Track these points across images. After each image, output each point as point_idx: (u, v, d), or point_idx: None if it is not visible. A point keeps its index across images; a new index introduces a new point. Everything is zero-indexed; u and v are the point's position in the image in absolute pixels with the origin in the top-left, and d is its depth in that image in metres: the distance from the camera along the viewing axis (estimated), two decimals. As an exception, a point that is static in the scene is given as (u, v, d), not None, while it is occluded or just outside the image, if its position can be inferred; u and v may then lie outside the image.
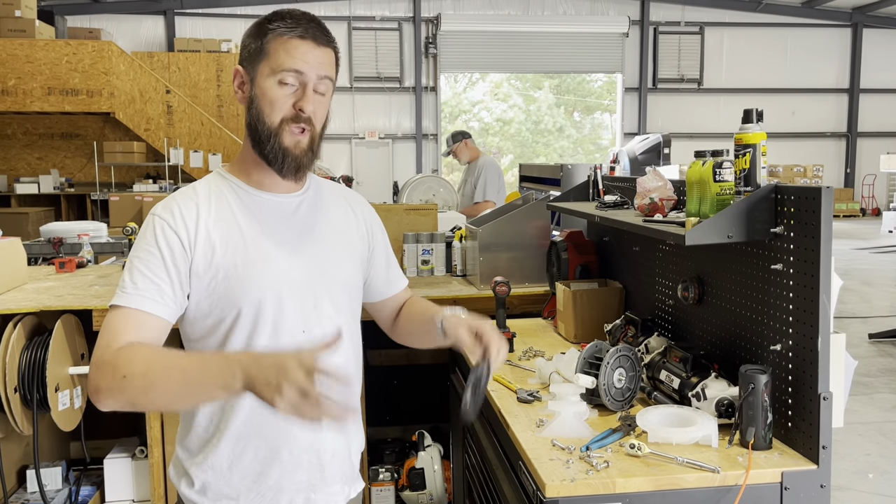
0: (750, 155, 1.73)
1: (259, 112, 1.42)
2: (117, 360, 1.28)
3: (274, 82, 1.40)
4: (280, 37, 1.41)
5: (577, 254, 2.88)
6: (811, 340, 1.62)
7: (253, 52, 1.43)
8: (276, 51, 1.40)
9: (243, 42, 1.47)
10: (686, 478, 1.55)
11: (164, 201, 1.46)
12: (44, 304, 2.96)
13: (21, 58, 10.72)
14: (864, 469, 4.08)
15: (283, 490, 1.47)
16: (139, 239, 1.42)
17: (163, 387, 1.25)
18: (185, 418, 1.51)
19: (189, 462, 1.48)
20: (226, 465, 1.45)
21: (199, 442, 1.47)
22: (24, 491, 3.29)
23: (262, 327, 1.42)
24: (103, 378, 1.27)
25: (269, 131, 1.42)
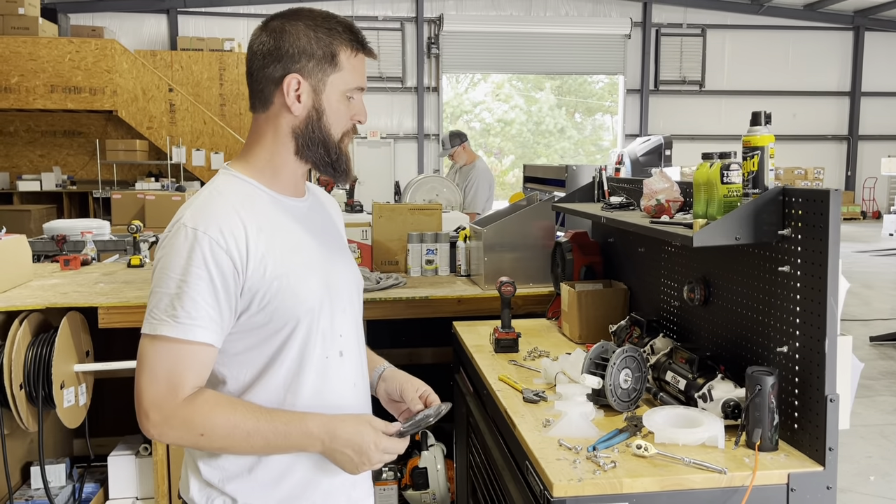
0: (758, 157, 1.74)
1: (326, 126, 1.41)
2: (192, 415, 1.28)
3: (343, 98, 1.41)
4: (351, 52, 1.41)
5: (582, 254, 2.89)
6: (818, 342, 1.62)
7: (320, 61, 1.38)
8: (349, 66, 1.40)
9: (302, 48, 1.37)
10: (693, 478, 1.56)
11: (198, 213, 1.33)
12: (49, 302, 2.96)
13: (24, 55, 10.72)
14: (866, 471, 4.08)
15: (331, 493, 1.46)
16: (180, 258, 1.29)
17: (242, 450, 1.33)
18: None
19: (225, 481, 1.40)
20: (276, 478, 1.40)
21: (240, 459, 1.39)
22: (29, 487, 3.30)
23: (316, 335, 1.41)
24: (173, 431, 1.29)
25: (333, 143, 1.42)
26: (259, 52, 1.39)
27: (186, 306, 1.27)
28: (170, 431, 1.29)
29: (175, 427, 1.28)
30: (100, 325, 2.96)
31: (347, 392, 1.47)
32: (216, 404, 1.30)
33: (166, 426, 1.28)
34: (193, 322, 1.28)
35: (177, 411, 1.28)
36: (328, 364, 1.43)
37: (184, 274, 1.28)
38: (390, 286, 3.22)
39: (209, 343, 1.30)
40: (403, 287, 3.25)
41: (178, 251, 1.29)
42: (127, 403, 4.05)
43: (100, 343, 3.26)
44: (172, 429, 1.28)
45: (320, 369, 1.42)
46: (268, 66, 1.39)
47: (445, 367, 3.06)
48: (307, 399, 1.40)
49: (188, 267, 1.28)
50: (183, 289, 1.27)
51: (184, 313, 1.27)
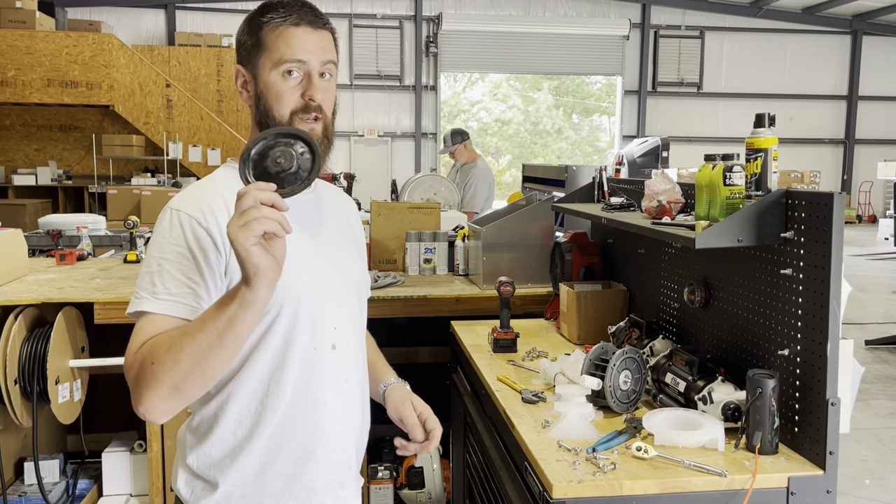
0: (762, 159, 1.73)
1: (268, 108, 1.39)
2: (143, 356, 1.22)
3: (278, 76, 1.38)
4: (275, 28, 1.38)
5: (581, 255, 2.88)
6: (820, 346, 1.62)
7: (250, 49, 1.41)
8: (275, 43, 1.38)
9: (238, 40, 1.44)
10: (693, 481, 1.55)
11: (184, 196, 1.36)
12: (45, 297, 2.94)
13: (21, 49, 10.68)
14: (861, 475, 4.09)
15: (316, 490, 1.43)
16: (162, 237, 1.30)
17: (191, 347, 1.18)
18: (202, 424, 1.40)
19: (210, 469, 1.39)
20: (257, 468, 1.38)
21: (224, 447, 1.38)
22: (22, 483, 3.28)
23: (302, 324, 1.38)
24: (138, 378, 1.21)
25: (280, 124, 1.39)
26: None
27: (167, 282, 1.27)
28: (137, 382, 1.21)
29: (138, 374, 1.21)
30: (96, 320, 2.94)
31: (338, 386, 1.44)
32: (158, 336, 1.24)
33: (133, 379, 1.22)
34: (173, 298, 1.27)
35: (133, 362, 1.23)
36: (318, 356, 1.41)
37: (163, 251, 1.29)
38: (388, 285, 3.21)
39: (178, 316, 1.27)
40: (401, 286, 3.24)
41: (161, 231, 1.32)
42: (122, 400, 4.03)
43: (95, 339, 3.24)
44: (137, 377, 1.21)
45: (307, 360, 1.39)
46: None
47: (443, 366, 3.05)
48: (291, 388, 1.38)
49: (168, 244, 1.29)
50: (163, 265, 1.28)
51: (163, 289, 1.27)
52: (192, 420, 1.43)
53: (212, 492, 1.39)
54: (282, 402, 1.38)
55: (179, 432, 1.49)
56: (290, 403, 1.38)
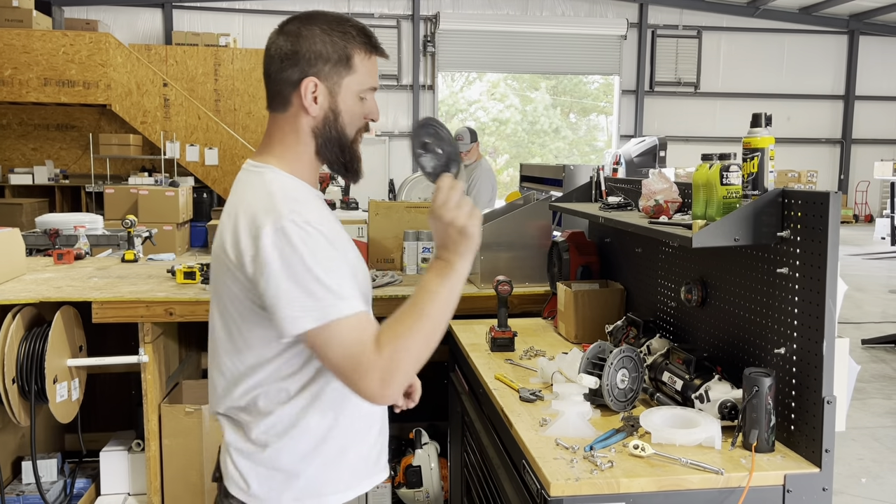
0: (758, 159, 1.74)
1: (342, 126, 1.47)
2: (391, 351, 1.31)
3: (357, 98, 1.47)
4: (364, 54, 1.47)
5: (579, 254, 2.89)
6: (816, 344, 1.63)
7: (335, 65, 1.44)
8: (363, 68, 1.46)
9: (318, 52, 1.42)
10: (690, 479, 1.56)
11: (292, 206, 1.35)
12: (43, 296, 2.95)
13: (18, 48, 10.66)
14: (858, 473, 4.10)
15: (376, 460, 1.57)
16: (308, 250, 1.30)
17: (431, 326, 1.34)
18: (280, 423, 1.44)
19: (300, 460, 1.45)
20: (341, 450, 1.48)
21: (313, 437, 1.45)
22: (20, 482, 3.28)
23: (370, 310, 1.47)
24: (391, 371, 1.30)
25: (348, 142, 1.48)
26: (277, 56, 1.44)
27: (336, 288, 1.31)
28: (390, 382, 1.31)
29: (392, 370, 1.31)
30: (93, 319, 2.95)
31: None
32: (389, 328, 1.34)
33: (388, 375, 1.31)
34: (348, 296, 1.32)
35: (380, 360, 1.31)
36: None
37: (319, 263, 1.31)
38: (386, 284, 3.21)
39: (362, 309, 1.34)
40: (399, 285, 3.24)
41: (302, 244, 1.31)
42: (119, 399, 4.03)
43: (93, 338, 3.24)
44: (392, 373, 1.31)
45: None
46: (286, 70, 1.43)
47: (441, 365, 3.05)
48: None
49: (321, 253, 1.32)
50: (330, 272, 1.32)
51: (348, 291, 1.33)
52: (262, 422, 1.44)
53: (298, 480, 1.45)
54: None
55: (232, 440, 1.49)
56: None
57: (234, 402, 1.46)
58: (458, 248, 1.36)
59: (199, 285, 3.15)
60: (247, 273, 1.34)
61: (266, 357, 1.41)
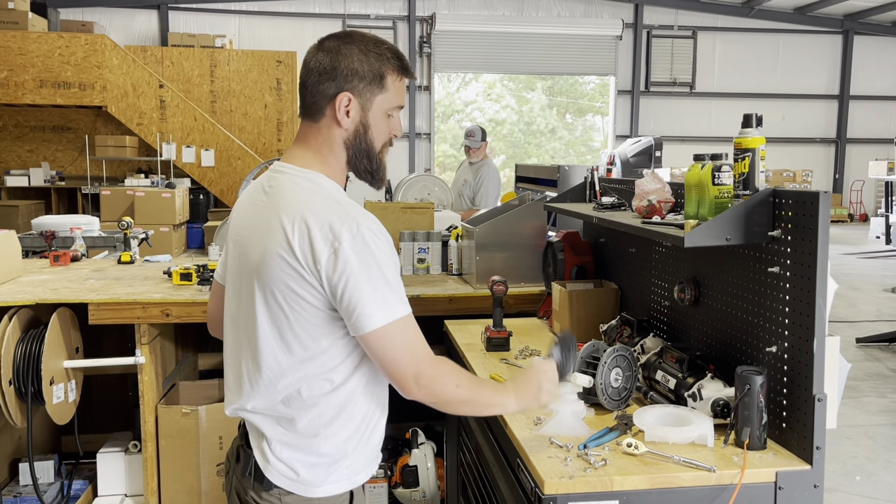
0: (749, 159, 1.75)
1: (371, 139, 1.59)
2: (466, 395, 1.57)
3: (385, 115, 1.60)
4: (396, 75, 1.59)
5: (574, 254, 2.91)
6: (807, 343, 1.64)
7: (370, 83, 1.56)
8: (394, 88, 1.59)
9: (355, 70, 1.55)
10: (682, 476, 1.58)
11: (361, 213, 1.50)
12: (39, 297, 2.95)
13: (13, 50, 10.64)
14: (852, 471, 4.12)
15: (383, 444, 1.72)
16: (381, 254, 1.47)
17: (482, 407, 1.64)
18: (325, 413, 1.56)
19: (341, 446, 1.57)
20: (373, 434, 1.64)
21: (355, 424, 1.58)
22: (17, 484, 3.29)
23: None
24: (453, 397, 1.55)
25: (374, 154, 1.61)
26: (315, 70, 1.56)
27: (399, 291, 1.50)
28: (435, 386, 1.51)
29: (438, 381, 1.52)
30: (90, 321, 2.95)
31: None
32: (452, 366, 1.58)
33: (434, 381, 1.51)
34: (406, 299, 1.51)
35: (435, 368, 1.52)
36: None
37: (390, 267, 1.49)
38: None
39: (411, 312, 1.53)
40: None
41: (377, 249, 1.47)
42: (116, 400, 4.03)
43: (90, 339, 3.25)
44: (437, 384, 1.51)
45: None
46: (323, 83, 1.55)
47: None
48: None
49: (388, 259, 1.49)
50: (396, 277, 1.50)
51: (402, 295, 1.50)
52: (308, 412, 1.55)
53: (340, 464, 1.57)
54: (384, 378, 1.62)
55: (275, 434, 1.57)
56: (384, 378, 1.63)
57: (273, 396, 1.55)
58: (524, 399, 1.63)
59: (195, 286, 3.15)
60: (319, 274, 1.45)
61: (316, 352, 1.52)
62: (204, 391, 3.43)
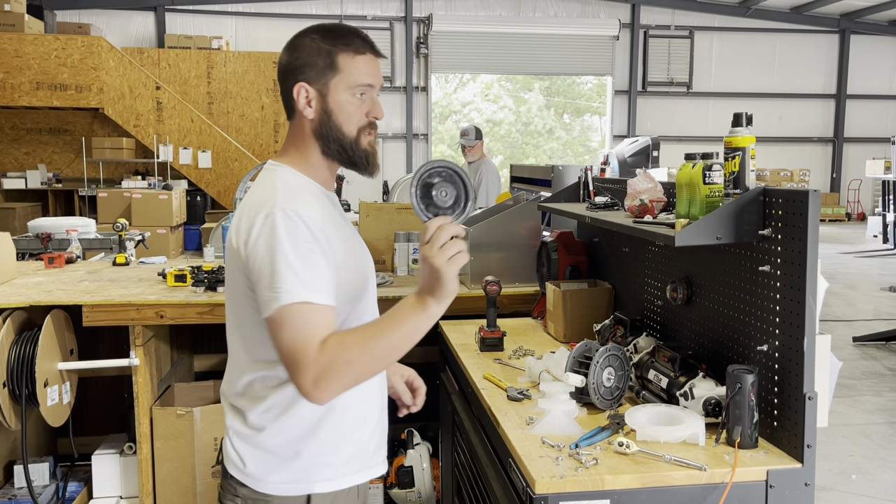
0: (739, 158, 1.76)
1: (338, 125, 1.56)
2: (333, 355, 1.36)
3: (349, 96, 1.55)
4: (349, 55, 1.55)
5: (568, 254, 2.91)
6: (797, 341, 1.65)
7: (322, 70, 1.55)
8: (349, 68, 1.55)
9: (305, 60, 1.55)
10: (673, 475, 1.58)
11: (289, 200, 1.46)
12: (33, 300, 2.95)
13: (9, 52, 10.63)
14: (848, 470, 4.13)
15: (377, 452, 1.67)
16: (287, 236, 1.40)
17: (382, 351, 1.40)
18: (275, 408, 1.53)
19: (290, 444, 1.54)
20: (336, 438, 1.56)
21: (304, 423, 1.54)
22: (12, 486, 3.28)
23: (367, 310, 1.63)
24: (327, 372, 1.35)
25: (349, 140, 1.57)
26: (280, 70, 1.60)
27: (313, 276, 1.40)
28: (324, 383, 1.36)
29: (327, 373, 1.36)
30: (84, 323, 2.95)
31: None
32: (342, 334, 1.41)
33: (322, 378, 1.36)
34: (320, 287, 1.41)
35: (319, 360, 1.36)
36: None
37: (296, 248, 1.41)
38: (377, 285, 3.22)
39: (330, 304, 1.42)
40: (390, 286, 3.25)
41: (285, 230, 1.41)
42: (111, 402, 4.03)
43: (84, 341, 3.25)
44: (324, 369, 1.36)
45: None
46: (286, 81, 1.58)
47: (432, 366, 3.06)
48: None
49: (298, 241, 1.41)
50: (304, 261, 1.40)
51: (311, 280, 1.39)
52: (257, 406, 1.54)
53: (292, 463, 1.54)
54: None
55: (231, 424, 1.60)
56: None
57: (237, 388, 1.57)
58: (434, 290, 1.40)
59: (189, 288, 3.15)
60: (242, 259, 1.46)
61: (262, 342, 1.49)
62: (199, 392, 3.43)
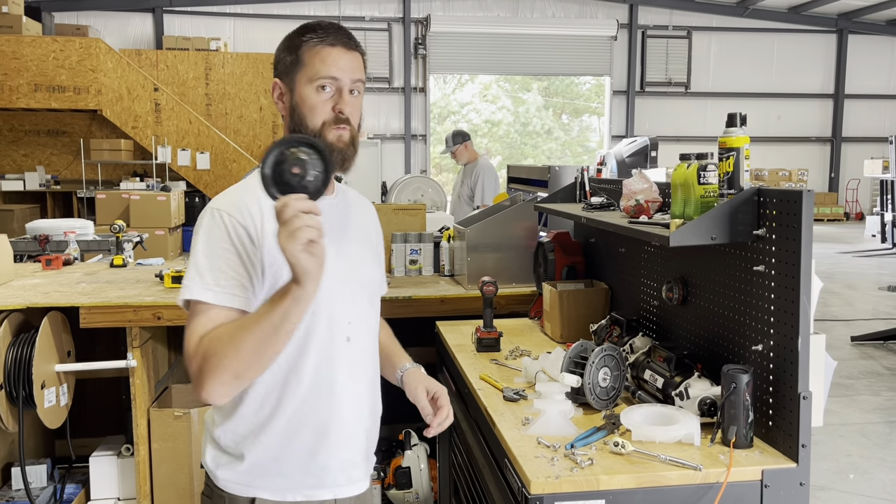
0: (734, 158, 1.76)
1: (301, 118, 1.54)
2: (205, 349, 1.35)
3: (312, 89, 1.53)
4: (313, 47, 1.53)
5: (564, 254, 2.91)
6: (791, 341, 1.65)
7: (289, 65, 1.55)
8: (312, 60, 1.53)
9: (277, 56, 1.58)
10: (668, 475, 1.58)
11: (224, 197, 1.50)
12: (30, 301, 2.95)
13: (8, 54, 10.64)
14: (846, 469, 4.13)
15: (330, 468, 1.56)
16: (206, 235, 1.44)
17: (250, 340, 1.32)
18: (228, 404, 1.52)
19: (236, 444, 1.53)
20: (279, 445, 1.52)
21: (249, 424, 1.52)
22: (10, 489, 3.28)
23: (321, 319, 1.51)
24: (202, 369, 1.35)
25: (313, 134, 1.54)
26: None
27: (215, 275, 1.41)
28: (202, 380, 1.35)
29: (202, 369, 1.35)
30: (81, 324, 2.95)
31: (351, 375, 1.58)
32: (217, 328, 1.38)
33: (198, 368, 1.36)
34: (221, 289, 1.40)
35: (195, 356, 1.37)
36: (334, 347, 1.54)
37: (209, 247, 1.43)
38: (374, 286, 3.22)
39: (238, 308, 1.41)
40: (388, 287, 3.25)
41: (206, 229, 1.45)
42: (109, 403, 4.02)
43: (82, 343, 3.25)
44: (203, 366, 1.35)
45: (324, 351, 1.52)
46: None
47: (429, 367, 3.06)
48: (309, 376, 1.51)
49: (215, 241, 1.43)
50: (211, 260, 1.42)
51: (213, 281, 1.40)
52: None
53: (237, 463, 1.53)
54: (301, 389, 1.51)
55: (206, 414, 1.62)
56: (308, 389, 1.51)
57: None
58: (292, 272, 1.27)
59: (187, 289, 3.15)
60: None
61: None
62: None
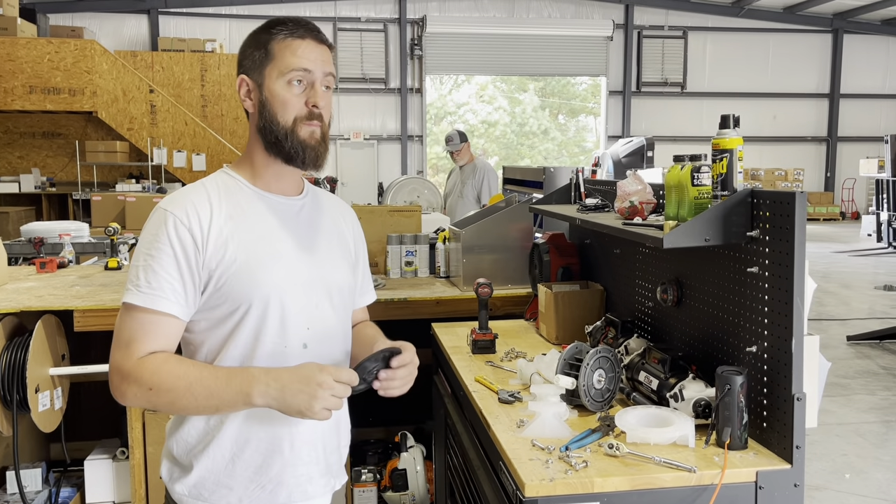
0: (727, 160, 1.76)
1: (272, 114, 1.48)
2: (142, 372, 1.36)
3: (283, 84, 1.47)
4: (283, 40, 1.48)
5: (559, 256, 2.91)
6: (785, 342, 1.65)
7: (257, 60, 1.49)
8: (282, 53, 1.47)
9: (243, 52, 1.52)
10: (663, 477, 1.58)
11: (174, 197, 1.47)
12: (24, 305, 2.94)
13: (2, 56, 10.62)
14: (841, 469, 4.13)
15: (284, 483, 1.51)
16: (149, 235, 1.42)
17: (187, 401, 1.36)
18: (183, 420, 1.51)
19: (186, 454, 1.50)
20: (228, 456, 1.48)
21: (198, 434, 1.49)
22: (4, 493, 3.27)
23: (271, 322, 1.47)
24: (129, 389, 1.37)
25: (285, 130, 1.48)
26: None
27: (150, 277, 1.39)
28: (126, 389, 1.37)
29: (130, 384, 1.37)
30: (75, 328, 2.94)
31: None
32: (165, 361, 1.38)
33: (123, 384, 1.37)
34: (154, 293, 1.39)
35: (131, 370, 1.37)
36: (287, 354, 1.48)
37: (150, 249, 1.41)
38: (369, 288, 3.22)
39: (170, 313, 1.40)
40: (382, 289, 3.25)
41: (150, 229, 1.43)
42: (104, 407, 4.00)
43: (76, 346, 3.23)
44: (129, 386, 1.37)
45: (276, 357, 1.47)
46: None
47: (425, 368, 3.05)
48: None
49: (154, 242, 1.41)
50: (149, 262, 1.40)
51: (146, 284, 1.39)
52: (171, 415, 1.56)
53: (187, 475, 1.50)
54: None
55: (167, 424, 1.60)
56: None
57: None
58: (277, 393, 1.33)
59: (181, 292, 3.14)
60: None
61: None
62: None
